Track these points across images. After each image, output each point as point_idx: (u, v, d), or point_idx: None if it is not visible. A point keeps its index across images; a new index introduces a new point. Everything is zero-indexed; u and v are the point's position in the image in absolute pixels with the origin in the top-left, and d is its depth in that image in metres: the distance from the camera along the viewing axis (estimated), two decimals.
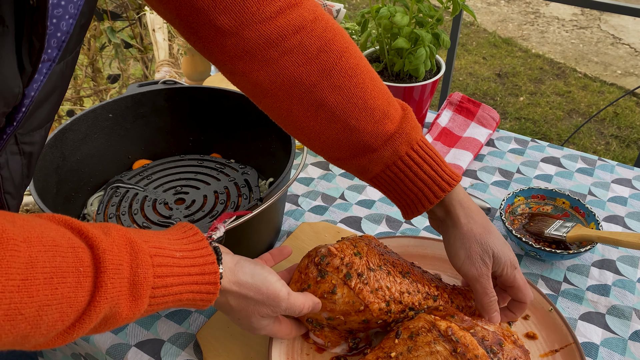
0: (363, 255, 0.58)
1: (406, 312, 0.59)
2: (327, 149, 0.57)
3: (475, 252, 0.56)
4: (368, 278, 0.57)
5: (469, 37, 3.50)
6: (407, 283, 0.59)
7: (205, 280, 0.46)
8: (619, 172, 0.93)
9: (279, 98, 0.54)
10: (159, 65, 1.14)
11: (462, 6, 0.87)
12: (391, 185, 0.57)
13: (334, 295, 0.56)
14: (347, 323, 0.58)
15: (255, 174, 0.83)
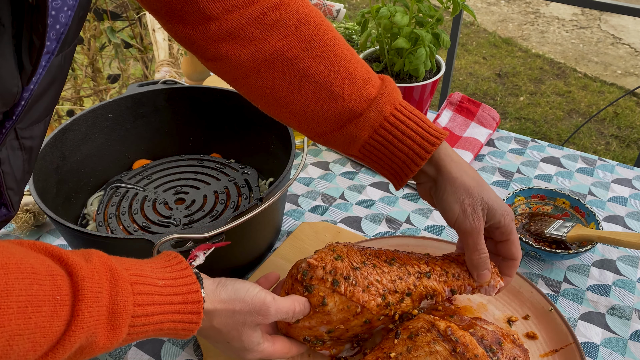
0: (344, 257, 0.56)
1: (405, 301, 0.56)
2: (313, 123, 0.57)
3: (469, 205, 0.55)
4: (355, 278, 0.54)
5: (469, 37, 3.50)
6: (395, 269, 0.57)
7: (187, 310, 0.45)
8: (619, 172, 0.93)
9: (262, 76, 0.55)
10: (159, 65, 1.14)
11: (462, 6, 0.87)
12: (380, 151, 0.57)
13: (326, 306, 0.53)
14: (350, 330, 0.56)
15: (255, 174, 0.83)
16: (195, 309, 0.45)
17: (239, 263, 0.72)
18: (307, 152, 0.87)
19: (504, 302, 0.67)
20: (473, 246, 0.56)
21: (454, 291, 0.59)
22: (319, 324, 0.55)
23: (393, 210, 0.86)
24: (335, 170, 0.95)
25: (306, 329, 0.55)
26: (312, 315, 0.54)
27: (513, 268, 0.60)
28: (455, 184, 0.55)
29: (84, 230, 0.58)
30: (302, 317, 0.54)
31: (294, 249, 0.76)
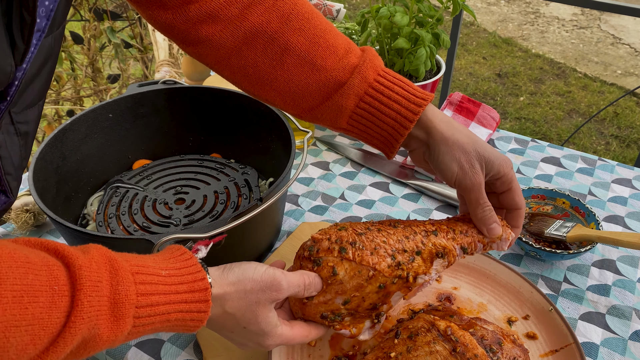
0: (347, 227, 0.55)
1: (416, 261, 0.54)
2: (299, 98, 0.57)
3: (467, 162, 0.54)
4: (362, 242, 0.53)
5: (469, 37, 3.50)
6: (401, 230, 0.55)
7: (195, 299, 0.43)
8: (619, 172, 0.93)
9: (243, 54, 0.55)
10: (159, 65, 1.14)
11: (462, 6, 0.87)
12: (368, 119, 0.56)
13: (337, 276, 0.52)
14: (366, 298, 0.53)
15: (255, 174, 0.83)
16: (202, 297, 0.44)
17: None
18: (307, 152, 0.87)
19: (504, 302, 0.67)
20: (476, 201, 0.55)
21: (465, 249, 0.57)
22: (333, 296, 0.53)
23: (393, 210, 0.86)
24: (335, 170, 0.95)
25: (322, 305, 0.53)
26: (326, 289, 0.52)
27: (519, 218, 0.59)
28: (448, 143, 0.55)
29: (84, 230, 0.58)
30: (315, 293, 0.52)
31: (294, 249, 0.76)
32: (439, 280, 0.70)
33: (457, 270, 0.71)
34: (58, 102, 1.99)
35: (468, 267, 0.71)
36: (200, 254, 0.49)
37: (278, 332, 0.50)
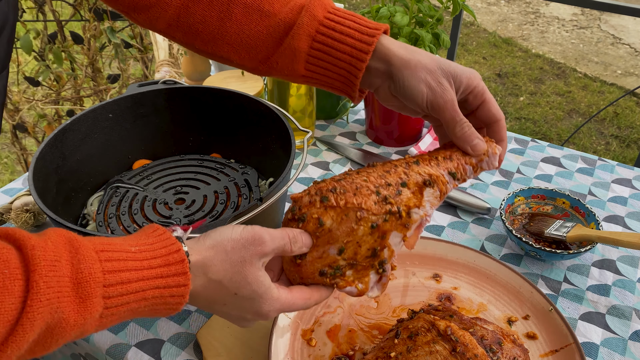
0: (325, 179, 0.52)
1: (404, 193, 0.51)
2: (252, 49, 0.56)
3: (434, 80, 0.52)
4: (342, 187, 0.50)
5: (469, 37, 3.50)
6: (380, 167, 0.52)
7: (172, 272, 0.40)
8: (619, 172, 0.93)
9: (191, 11, 0.56)
10: (159, 65, 1.14)
11: (462, 6, 0.87)
12: (324, 60, 0.54)
13: (325, 225, 0.49)
14: (361, 243, 0.50)
15: (255, 174, 0.83)
16: (180, 269, 0.40)
17: None
18: (307, 152, 0.87)
19: (504, 302, 0.67)
20: (452, 120, 0.52)
21: (453, 174, 0.53)
22: (326, 248, 0.50)
23: None
24: (335, 170, 0.95)
25: (317, 261, 0.50)
26: (317, 243, 0.49)
27: (502, 129, 0.55)
28: (410, 65, 0.52)
29: (84, 231, 0.58)
30: (305, 249, 0.49)
31: None
32: (439, 281, 0.70)
33: (457, 270, 0.71)
34: (58, 102, 1.99)
35: (468, 267, 0.71)
36: (175, 234, 0.45)
37: (274, 295, 0.47)
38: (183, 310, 0.69)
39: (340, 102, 1.06)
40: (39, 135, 2.01)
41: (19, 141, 2.00)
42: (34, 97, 1.95)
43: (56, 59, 1.81)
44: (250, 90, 0.94)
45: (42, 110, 1.94)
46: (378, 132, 0.99)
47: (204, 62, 1.14)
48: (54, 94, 1.96)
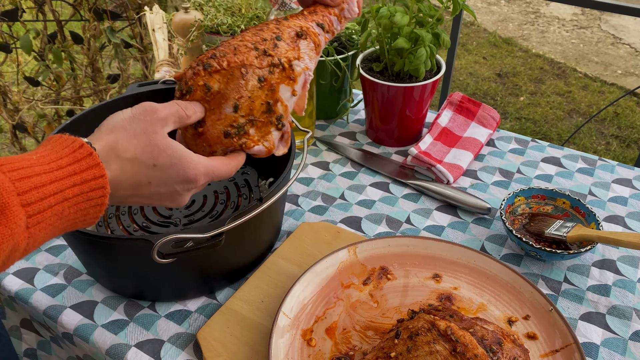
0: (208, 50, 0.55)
1: (280, 46, 0.55)
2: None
3: None
4: (221, 51, 0.52)
5: (469, 37, 3.50)
6: (252, 28, 0.57)
7: (83, 167, 0.39)
8: (619, 172, 0.93)
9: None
10: (158, 65, 1.14)
11: (462, 6, 0.87)
12: None
13: (212, 89, 0.51)
14: (253, 98, 0.52)
15: (255, 174, 0.83)
16: (91, 162, 0.40)
17: (239, 263, 0.71)
18: (307, 152, 0.87)
19: (504, 302, 0.67)
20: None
21: (321, 25, 0.59)
22: (222, 109, 0.52)
23: (393, 210, 0.85)
24: (335, 170, 0.95)
25: (217, 123, 0.52)
26: (210, 107, 0.52)
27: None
28: None
29: (84, 231, 0.58)
30: (200, 115, 0.51)
31: (294, 249, 0.76)
32: (439, 281, 0.70)
33: (457, 270, 0.71)
34: (58, 102, 1.99)
35: (468, 267, 0.71)
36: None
37: (195, 159, 0.47)
38: (183, 310, 0.69)
39: (341, 102, 1.06)
40: (38, 135, 2.01)
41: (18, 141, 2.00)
42: (33, 97, 1.95)
43: (56, 59, 1.81)
44: None
45: (42, 110, 1.94)
46: (378, 132, 0.99)
47: None
48: (53, 94, 1.96)
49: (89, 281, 0.74)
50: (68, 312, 0.69)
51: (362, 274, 0.71)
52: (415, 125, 0.98)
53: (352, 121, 1.08)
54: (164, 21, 1.17)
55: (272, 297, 0.69)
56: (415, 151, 0.92)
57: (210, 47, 1.09)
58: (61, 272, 0.75)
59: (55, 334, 0.72)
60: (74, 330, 0.67)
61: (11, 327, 0.80)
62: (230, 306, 0.68)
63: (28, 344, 0.80)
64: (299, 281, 0.67)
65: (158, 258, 0.55)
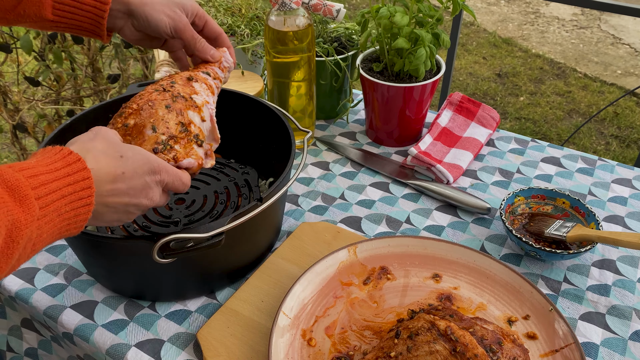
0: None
1: (174, 86, 0.62)
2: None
3: (170, 10, 0.65)
4: (128, 104, 0.60)
5: (469, 37, 3.50)
6: (150, 85, 0.63)
7: (74, 169, 0.45)
8: (619, 172, 0.93)
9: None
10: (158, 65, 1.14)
11: (462, 6, 0.87)
12: (70, 5, 0.62)
13: (129, 124, 0.58)
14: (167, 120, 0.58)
15: (255, 174, 0.83)
16: (80, 166, 0.46)
17: (239, 263, 0.72)
18: (307, 152, 0.87)
19: (504, 302, 0.67)
20: (192, 38, 0.67)
21: (207, 72, 0.67)
22: (143, 134, 0.57)
23: (393, 210, 0.86)
24: (335, 170, 0.95)
25: (144, 145, 0.57)
26: (134, 137, 0.57)
27: (225, 39, 0.71)
28: (147, 2, 0.64)
29: (84, 231, 0.58)
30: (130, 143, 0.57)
31: (294, 249, 0.76)
32: (439, 281, 0.70)
33: (457, 270, 0.71)
34: (58, 102, 1.99)
35: (468, 267, 0.71)
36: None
37: (154, 157, 0.53)
38: (183, 310, 0.69)
39: (341, 102, 1.06)
40: (39, 135, 2.01)
41: (19, 141, 2.00)
42: (34, 97, 1.95)
43: (56, 59, 1.81)
44: (250, 90, 0.94)
45: (42, 110, 1.94)
46: (378, 132, 1.00)
47: None
48: (54, 94, 1.96)
49: (89, 281, 0.74)
50: (68, 312, 0.69)
51: (362, 274, 0.71)
52: (415, 125, 0.98)
53: (352, 121, 1.08)
54: None
55: (272, 297, 0.70)
56: (415, 151, 0.92)
57: None
58: (61, 272, 0.75)
59: (56, 334, 0.72)
60: (74, 330, 0.68)
61: (12, 327, 0.80)
62: (230, 306, 0.68)
63: (29, 343, 0.80)
64: (299, 281, 0.67)
65: (158, 258, 0.55)
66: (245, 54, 1.04)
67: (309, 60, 0.89)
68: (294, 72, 0.89)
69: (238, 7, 1.11)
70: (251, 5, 1.11)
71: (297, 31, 0.85)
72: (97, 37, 0.66)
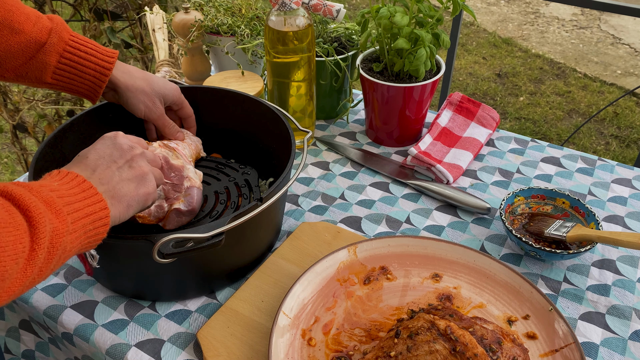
0: None
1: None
2: (6, 59, 0.66)
3: (149, 101, 0.74)
4: None
5: (469, 37, 3.50)
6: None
7: (88, 195, 0.49)
8: (619, 172, 0.93)
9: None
10: (159, 65, 1.14)
11: (462, 6, 0.87)
12: (72, 72, 0.69)
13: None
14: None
15: (255, 174, 0.83)
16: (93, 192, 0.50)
17: (239, 263, 0.72)
18: (307, 152, 0.87)
19: (503, 302, 0.67)
20: (163, 125, 0.77)
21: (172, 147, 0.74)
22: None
23: (393, 210, 0.86)
24: (335, 170, 0.95)
25: None
26: None
27: (192, 120, 0.83)
28: (131, 90, 0.73)
29: None
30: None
31: (294, 249, 0.76)
32: (438, 280, 0.70)
33: (457, 270, 0.71)
34: (58, 102, 1.99)
35: (468, 267, 0.71)
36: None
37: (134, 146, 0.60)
38: (183, 310, 0.69)
39: (341, 102, 1.06)
40: (39, 135, 2.01)
41: (19, 141, 2.00)
42: (34, 97, 1.95)
43: None
44: (250, 90, 0.94)
45: (42, 110, 1.94)
46: (378, 132, 1.00)
47: (204, 62, 1.14)
48: (54, 94, 1.96)
49: (90, 281, 0.74)
50: (68, 312, 0.69)
51: (362, 274, 0.71)
52: (415, 125, 0.98)
53: (352, 121, 1.08)
54: (164, 21, 1.17)
55: (272, 297, 0.70)
56: (415, 151, 0.92)
57: (211, 47, 1.09)
58: (61, 272, 0.75)
59: (55, 335, 0.72)
60: (74, 330, 0.68)
61: (10, 328, 0.80)
62: (230, 306, 0.68)
63: (26, 345, 0.80)
64: (299, 281, 0.67)
65: (158, 258, 0.55)
66: (245, 54, 1.05)
67: (309, 60, 0.89)
68: (294, 72, 0.89)
69: (238, 7, 1.11)
70: (251, 5, 1.11)
71: (297, 31, 0.85)
72: (89, 99, 0.73)
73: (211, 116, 0.86)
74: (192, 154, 0.80)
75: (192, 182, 0.71)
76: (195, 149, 0.81)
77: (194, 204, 0.70)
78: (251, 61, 1.06)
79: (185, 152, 0.76)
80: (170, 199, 0.69)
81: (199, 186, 0.72)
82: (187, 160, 0.75)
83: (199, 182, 0.72)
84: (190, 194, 0.70)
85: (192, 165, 0.76)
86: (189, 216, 0.71)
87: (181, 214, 0.70)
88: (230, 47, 1.06)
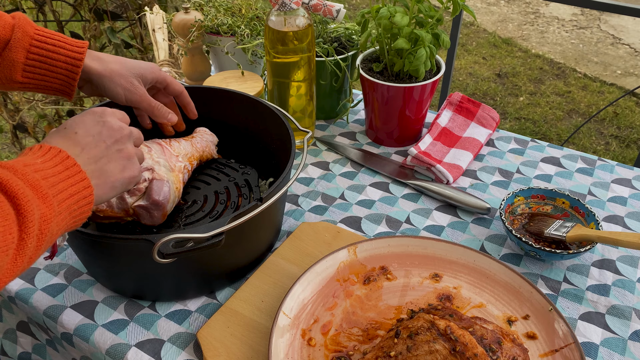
0: None
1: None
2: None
3: (127, 82, 0.69)
4: None
5: (469, 37, 3.50)
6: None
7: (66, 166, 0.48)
8: (619, 172, 0.93)
9: None
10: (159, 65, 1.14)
11: (462, 6, 0.87)
12: (42, 68, 0.65)
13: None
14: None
15: (255, 174, 0.83)
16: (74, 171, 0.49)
17: (239, 263, 0.72)
18: (307, 152, 0.87)
19: (503, 302, 0.67)
20: (149, 107, 0.71)
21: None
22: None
23: (393, 210, 0.86)
24: (335, 170, 0.95)
25: None
26: None
27: (186, 97, 0.77)
28: (106, 75, 0.68)
29: (84, 231, 0.59)
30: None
31: (294, 249, 0.76)
32: (438, 280, 0.70)
33: (457, 270, 0.71)
34: (58, 102, 1.99)
35: (468, 267, 0.71)
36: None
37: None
38: (183, 310, 0.69)
39: (341, 102, 1.06)
40: (39, 135, 2.01)
41: (19, 141, 2.00)
42: (34, 97, 1.95)
43: None
44: (250, 90, 0.94)
45: (42, 110, 1.94)
46: (378, 132, 1.00)
47: (204, 62, 1.14)
48: None
49: (90, 281, 0.74)
50: (68, 312, 0.69)
51: (362, 274, 0.71)
52: (415, 125, 0.98)
53: (352, 121, 1.08)
54: (164, 21, 1.17)
55: (272, 297, 0.70)
56: (415, 151, 0.92)
57: (211, 47, 1.09)
58: (61, 272, 0.75)
59: (53, 336, 0.72)
60: (74, 330, 0.68)
61: (7, 330, 0.80)
62: (230, 306, 0.68)
63: (23, 347, 0.79)
64: (299, 281, 0.68)
65: (158, 258, 0.55)
66: (245, 54, 1.05)
67: (309, 60, 0.89)
68: (294, 72, 0.89)
69: (238, 7, 1.11)
70: (251, 5, 1.11)
71: (297, 31, 0.85)
72: (64, 96, 0.69)
73: (212, 116, 0.86)
74: (193, 153, 0.79)
75: (155, 175, 0.69)
76: (201, 148, 0.79)
77: (153, 197, 0.68)
78: (251, 61, 1.06)
79: (180, 151, 0.75)
80: (131, 190, 0.68)
81: (164, 179, 0.69)
82: (171, 156, 0.72)
83: (165, 176, 0.70)
84: (151, 187, 0.68)
85: (185, 162, 0.75)
86: (158, 210, 0.69)
87: (146, 209, 0.68)
88: (230, 47, 1.06)
